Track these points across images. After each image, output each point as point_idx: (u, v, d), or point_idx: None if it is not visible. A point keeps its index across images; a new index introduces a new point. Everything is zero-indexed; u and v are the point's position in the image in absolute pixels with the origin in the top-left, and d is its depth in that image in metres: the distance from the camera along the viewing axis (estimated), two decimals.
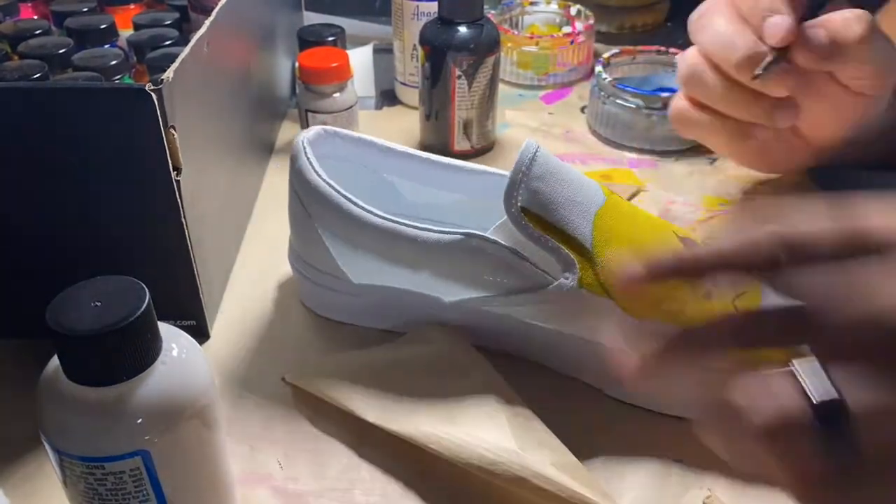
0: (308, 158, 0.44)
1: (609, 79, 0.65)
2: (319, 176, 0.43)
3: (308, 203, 0.44)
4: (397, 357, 0.44)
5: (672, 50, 0.69)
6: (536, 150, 0.40)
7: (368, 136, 0.47)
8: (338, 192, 0.43)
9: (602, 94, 0.65)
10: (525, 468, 0.36)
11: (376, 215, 0.42)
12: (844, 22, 0.45)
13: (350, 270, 0.45)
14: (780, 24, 0.43)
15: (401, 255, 0.42)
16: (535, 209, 0.39)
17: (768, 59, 0.45)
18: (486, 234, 0.41)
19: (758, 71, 0.45)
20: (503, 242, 0.40)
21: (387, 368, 0.43)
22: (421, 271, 0.42)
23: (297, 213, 0.46)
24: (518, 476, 0.36)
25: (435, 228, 0.41)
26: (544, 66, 0.74)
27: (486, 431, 0.38)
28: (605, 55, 0.68)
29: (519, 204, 0.39)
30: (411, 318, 0.46)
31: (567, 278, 0.40)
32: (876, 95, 0.49)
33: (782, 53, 0.45)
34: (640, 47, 0.70)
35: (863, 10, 0.46)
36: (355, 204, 0.43)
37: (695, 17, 0.50)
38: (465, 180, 0.46)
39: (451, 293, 0.43)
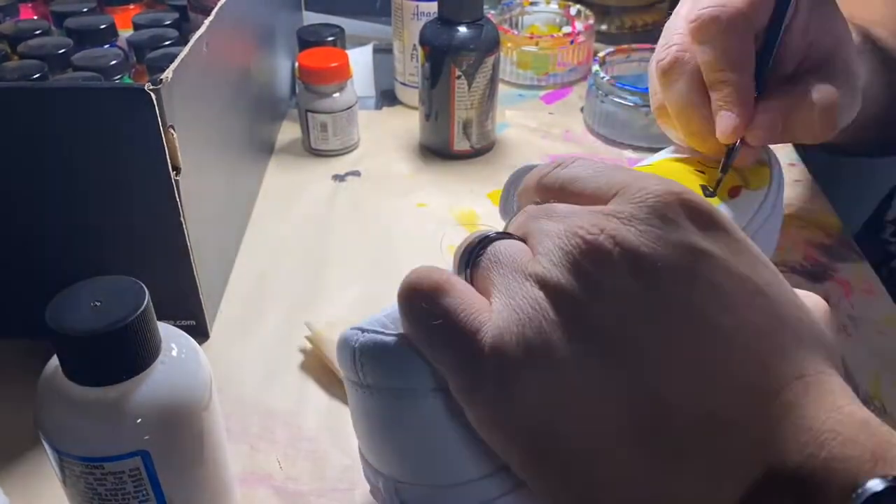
0: None
1: (607, 77, 0.65)
2: None
3: None
4: None
5: None
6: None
7: None
8: None
9: (599, 92, 0.65)
10: None
11: None
12: (806, 118, 0.41)
13: None
14: (727, 122, 0.42)
15: None
16: None
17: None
18: None
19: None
20: None
21: None
22: None
23: None
24: None
25: None
26: (544, 66, 0.74)
27: None
28: (601, 54, 0.68)
29: None
30: None
31: None
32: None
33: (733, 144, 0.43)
34: (634, 45, 0.70)
35: (829, 91, 0.41)
36: None
37: (661, 61, 0.45)
38: None
39: None
